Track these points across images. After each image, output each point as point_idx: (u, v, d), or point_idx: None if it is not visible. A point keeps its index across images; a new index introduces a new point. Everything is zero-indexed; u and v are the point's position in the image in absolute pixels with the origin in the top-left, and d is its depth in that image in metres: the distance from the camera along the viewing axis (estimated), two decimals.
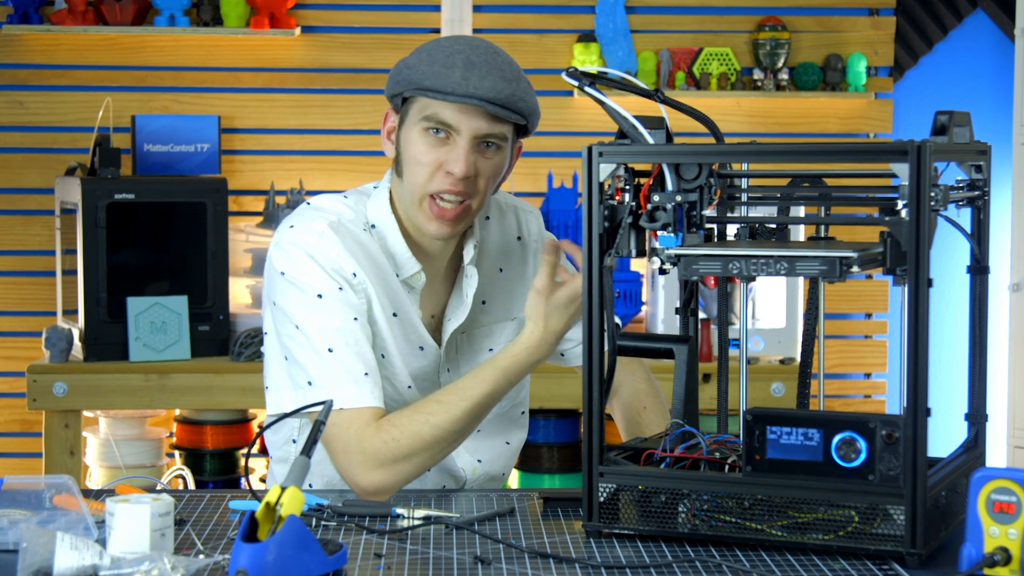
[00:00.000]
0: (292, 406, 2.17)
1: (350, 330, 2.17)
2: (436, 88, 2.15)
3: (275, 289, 2.22)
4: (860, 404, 4.91)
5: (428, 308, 2.32)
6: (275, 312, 2.23)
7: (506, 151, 2.23)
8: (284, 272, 2.20)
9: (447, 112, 2.16)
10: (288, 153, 4.75)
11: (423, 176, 2.19)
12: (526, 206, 2.45)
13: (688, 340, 2.02)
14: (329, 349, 2.16)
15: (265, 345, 2.29)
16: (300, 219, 2.24)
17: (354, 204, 2.28)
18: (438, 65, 2.15)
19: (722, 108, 4.76)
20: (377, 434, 2.12)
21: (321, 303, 2.17)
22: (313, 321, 2.17)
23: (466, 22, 4.69)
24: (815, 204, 1.96)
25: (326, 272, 2.18)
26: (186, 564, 1.66)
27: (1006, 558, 1.62)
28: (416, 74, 2.17)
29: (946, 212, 1.83)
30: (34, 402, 4.14)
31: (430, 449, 2.14)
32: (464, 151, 2.17)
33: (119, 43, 4.68)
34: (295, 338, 2.19)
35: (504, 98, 2.15)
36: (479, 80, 2.14)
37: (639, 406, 2.42)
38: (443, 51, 2.18)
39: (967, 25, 4.86)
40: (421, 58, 2.19)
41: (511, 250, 2.40)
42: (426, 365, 2.31)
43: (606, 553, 1.82)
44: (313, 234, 2.20)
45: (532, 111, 2.21)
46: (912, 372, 1.72)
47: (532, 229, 2.43)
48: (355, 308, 2.19)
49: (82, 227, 4.14)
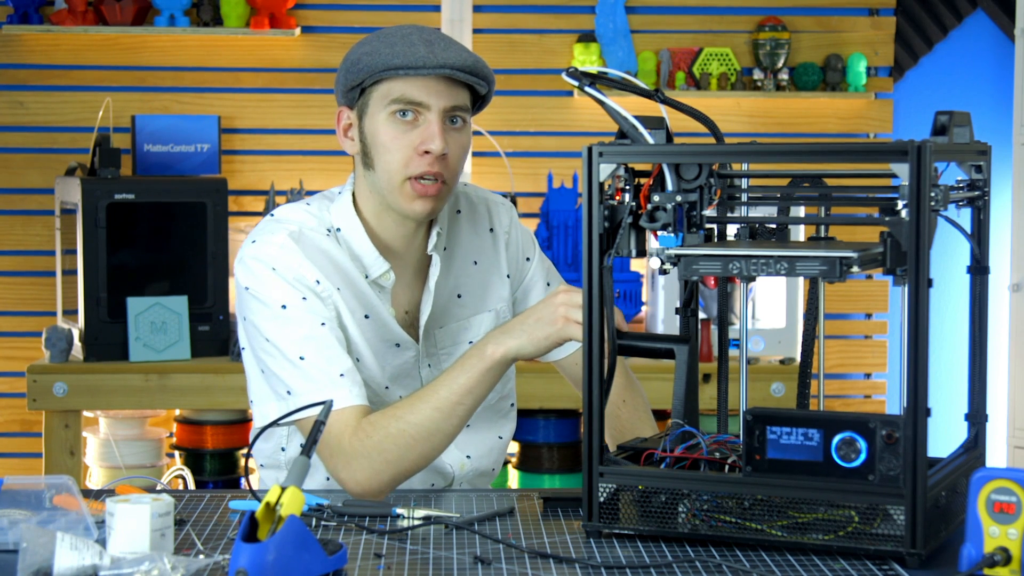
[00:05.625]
0: (277, 416, 2.18)
1: (319, 336, 2.19)
2: (407, 65, 2.16)
3: (243, 304, 2.25)
4: (860, 404, 4.91)
5: (401, 305, 2.33)
6: (246, 327, 2.26)
7: (469, 127, 2.27)
8: (248, 287, 2.22)
9: (415, 90, 2.19)
10: (288, 153, 4.75)
11: (398, 162, 2.21)
12: (496, 198, 2.46)
13: (688, 340, 2.01)
14: (301, 357, 2.17)
15: (244, 359, 2.31)
16: (261, 233, 2.26)
17: (317, 211, 2.29)
18: (399, 46, 2.18)
19: (722, 108, 4.76)
20: (355, 434, 2.14)
21: (286, 313, 2.19)
22: (281, 332, 2.19)
23: (466, 22, 4.69)
24: (815, 204, 1.96)
25: (288, 283, 2.20)
26: (186, 564, 1.66)
27: (1006, 558, 1.62)
28: (378, 59, 2.19)
29: (946, 212, 1.83)
30: (34, 402, 4.14)
31: (403, 447, 2.13)
32: (438, 127, 2.19)
33: (119, 43, 4.68)
34: (267, 351, 2.21)
35: (471, 65, 2.20)
36: (443, 52, 2.18)
37: (618, 399, 2.42)
38: (394, 36, 2.21)
39: (967, 25, 4.86)
40: (375, 47, 2.21)
41: (484, 242, 2.41)
42: (405, 362, 2.31)
43: (606, 553, 1.82)
44: (273, 246, 2.22)
45: (493, 78, 2.26)
46: (912, 372, 1.72)
47: (503, 221, 2.43)
48: (321, 314, 2.20)
49: (82, 227, 4.14)
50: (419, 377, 2.33)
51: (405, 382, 2.32)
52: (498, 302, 2.40)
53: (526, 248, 2.46)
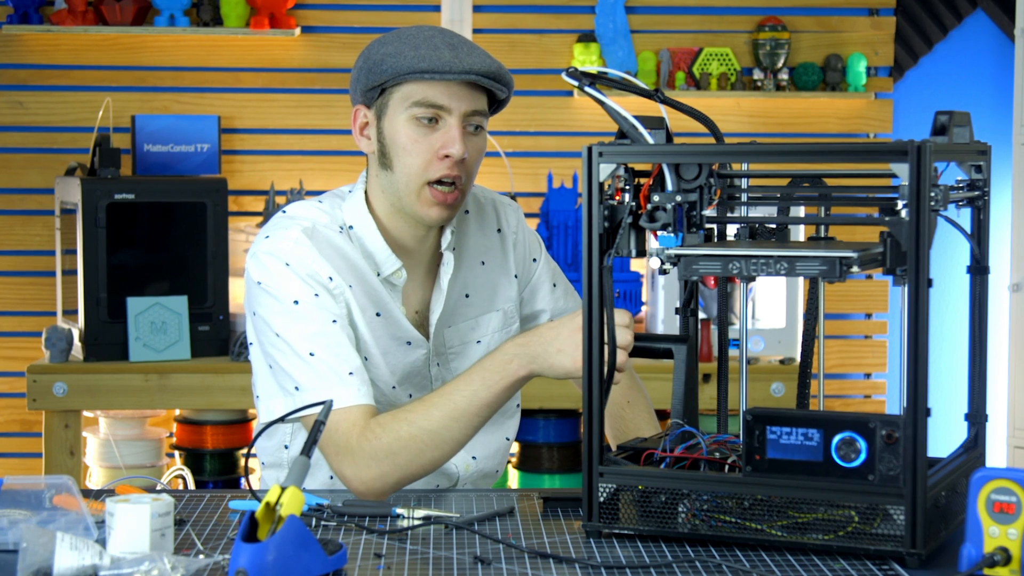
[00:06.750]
0: (283, 413, 2.18)
1: (330, 332, 2.18)
2: (433, 69, 2.16)
3: (254, 299, 2.25)
4: (860, 404, 4.91)
5: (412, 304, 2.33)
6: (256, 322, 2.25)
7: (486, 132, 2.27)
8: (260, 282, 2.22)
9: (437, 94, 2.19)
10: (288, 153, 4.75)
11: (418, 165, 2.21)
12: (504, 199, 2.47)
13: (688, 340, 2.01)
14: (311, 353, 2.17)
15: (251, 355, 2.30)
16: (274, 228, 2.26)
17: (329, 208, 2.29)
18: (423, 49, 2.18)
19: (722, 108, 4.76)
20: (363, 433, 2.13)
21: (298, 309, 2.18)
22: (292, 328, 2.18)
23: (466, 22, 4.69)
24: (815, 204, 1.96)
25: (301, 279, 2.19)
26: (186, 564, 1.66)
27: (1006, 558, 1.62)
28: (403, 62, 2.18)
29: (946, 212, 1.83)
30: (34, 402, 4.14)
31: (410, 450, 2.12)
32: (458, 132, 2.20)
33: (119, 43, 4.68)
34: (277, 346, 2.20)
35: (495, 71, 2.21)
36: (467, 57, 2.19)
37: (623, 400, 2.42)
38: (416, 38, 2.21)
39: (967, 25, 4.86)
40: (398, 48, 2.20)
41: (491, 243, 2.41)
42: (414, 361, 2.31)
43: (606, 553, 1.82)
44: (287, 242, 2.22)
45: (513, 83, 2.27)
46: (912, 372, 1.72)
47: (511, 222, 2.44)
48: (333, 312, 2.20)
49: (82, 227, 4.14)
50: (428, 376, 2.33)
51: (413, 381, 2.32)
52: (506, 302, 2.40)
53: (533, 249, 2.46)
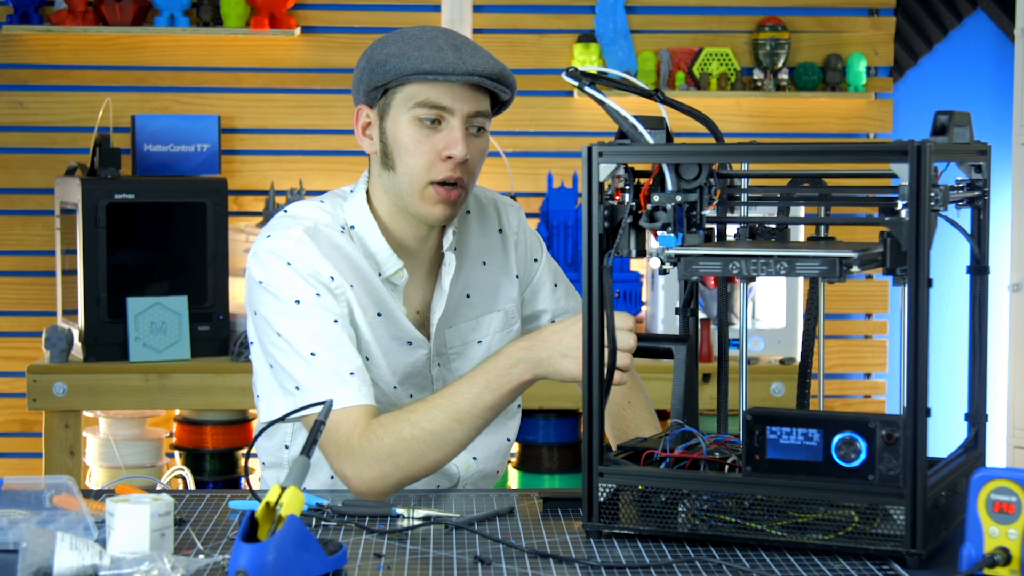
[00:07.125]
0: (283, 412, 2.17)
1: (331, 332, 2.18)
2: (437, 70, 2.16)
3: (255, 298, 2.24)
4: (860, 404, 4.91)
5: (413, 304, 2.33)
6: (257, 321, 2.25)
7: (488, 133, 2.27)
8: (262, 281, 2.22)
9: (441, 95, 2.19)
10: (288, 153, 4.75)
11: (421, 166, 2.21)
12: (506, 200, 2.47)
13: (688, 340, 2.01)
14: (312, 353, 2.17)
15: (252, 354, 2.30)
16: (276, 228, 2.25)
17: (331, 208, 2.29)
18: (427, 50, 2.18)
19: (722, 108, 4.76)
20: (364, 433, 2.13)
21: (299, 308, 2.18)
22: (293, 327, 2.18)
23: (466, 22, 4.69)
24: (815, 204, 1.96)
25: (303, 278, 2.19)
26: (186, 564, 1.66)
27: (1006, 558, 1.62)
28: (406, 62, 2.18)
29: (946, 212, 1.83)
30: (34, 402, 4.14)
31: (412, 451, 2.12)
32: (461, 133, 2.20)
33: (119, 43, 4.68)
34: (278, 345, 2.20)
35: (498, 73, 2.21)
36: (471, 58, 2.19)
37: (623, 400, 2.42)
38: (420, 38, 2.21)
39: (967, 25, 4.86)
40: (401, 48, 2.20)
41: (493, 243, 2.41)
42: (415, 361, 2.31)
43: (606, 553, 1.82)
44: (289, 241, 2.22)
45: (516, 84, 2.27)
46: (912, 372, 1.72)
47: (512, 222, 2.44)
48: (334, 311, 2.20)
49: (82, 227, 4.14)
50: (429, 376, 2.33)
51: (414, 381, 2.32)
52: (507, 303, 2.40)
53: (534, 249, 2.46)
